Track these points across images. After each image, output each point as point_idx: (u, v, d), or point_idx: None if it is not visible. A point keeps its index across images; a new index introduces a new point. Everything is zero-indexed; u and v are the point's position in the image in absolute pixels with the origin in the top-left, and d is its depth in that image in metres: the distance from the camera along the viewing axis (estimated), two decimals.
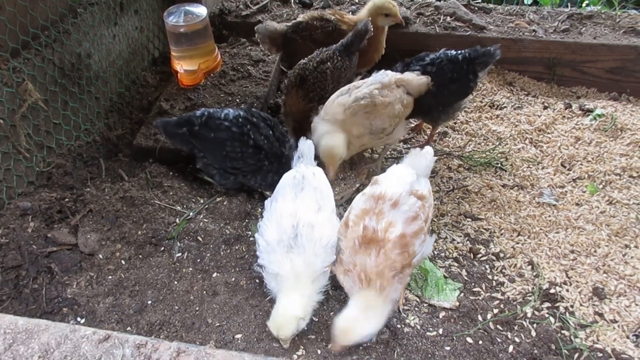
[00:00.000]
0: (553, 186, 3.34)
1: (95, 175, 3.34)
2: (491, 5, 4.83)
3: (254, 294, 2.57)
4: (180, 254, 2.78)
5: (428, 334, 2.43)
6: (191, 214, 3.02)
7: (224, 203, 3.10)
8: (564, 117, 3.94)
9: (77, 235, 2.79)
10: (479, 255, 2.88)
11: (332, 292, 2.52)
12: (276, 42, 3.94)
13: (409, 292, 2.62)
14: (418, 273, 2.69)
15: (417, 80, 3.09)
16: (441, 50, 3.38)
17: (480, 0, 4.94)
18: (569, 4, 5.06)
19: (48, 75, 3.16)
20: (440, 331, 2.44)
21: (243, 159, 2.95)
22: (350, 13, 4.20)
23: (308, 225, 2.34)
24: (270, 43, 3.94)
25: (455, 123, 3.95)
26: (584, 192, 3.29)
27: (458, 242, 2.95)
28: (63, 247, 2.73)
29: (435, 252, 2.87)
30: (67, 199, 2.98)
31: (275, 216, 2.43)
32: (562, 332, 2.47)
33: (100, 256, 2.73)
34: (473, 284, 2.71)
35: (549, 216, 3.12)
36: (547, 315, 2.54)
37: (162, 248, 2.81)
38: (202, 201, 3.16)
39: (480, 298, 2.63)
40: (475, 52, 3.27)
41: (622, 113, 3.92)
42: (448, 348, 2.37)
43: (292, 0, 4.99)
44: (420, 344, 2.38)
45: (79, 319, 2.47)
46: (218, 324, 2.44)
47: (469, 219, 3.11)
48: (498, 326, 2.49)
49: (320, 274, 2.33)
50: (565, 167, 3.50)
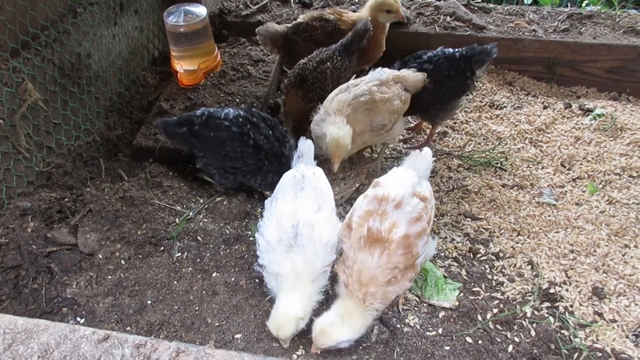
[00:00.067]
0: (553, 186, 3.34)
1: (95, 175, 3.34)
2: (491, 5, 4.83)
3: (254, 293, 2.57)
4: (179, 254, 2.78)
5: (428, 333, 2.43)
6: (191, 213, 3.02)
7: (224, 203, 3.10)
8: (564, 117, 3.94)
9: (76, 235, 2.79)
10: (479, 255, 2.88)
11: (332, 292, 2.52)
12: (277, 44, 3.95)
13: (408, 292, 2.62)
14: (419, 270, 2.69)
15: (414, 76, 3.14)
16: (439, 48, 3.40)
17: (480, 0, 4.94)
18: (568, 4, 5.06)
19: (48, 75, 3.16)
20: (440, 331, 2.45)
21: (243, 158, 2.96)
22: (351, 11, 4.19)
23: (308, 225, 2.35)
24: (271, 44, 3.95)
25: (455, 123, 3.95)
26: (584, 191, 3.29)
27: (458, 242, 2.95)
28: (63, 247, 2.73)
29: (435, 252, 2.87)
30: (66, 199, 2.99)
31: (276, 216, 2.43)
32: (562, 331, 2.47)
33: (100, 256, 2.73)
34: (473, 284, 2.71)
35: (549, 216, 3.12)
36: (546, 315, 2.54)
37: (162, 248, 2.82)
38: (201, 201, 3.17)
39: (479, 298, 2.63)
40: (472, 50, 3.31)
41: (622, 113, 3.92)
42: (447, 348, 2.37)
43: (292, 0, 4.99)
44: (419, 343, 2.38)
45: (78, 318, 2.48)
46: (217, 323, 2.44)
47: (469, 219, 3.11)
48: (497, 326, 2.49)
49: (321, 274, 2.34)
50: (565, 166, 3.50)
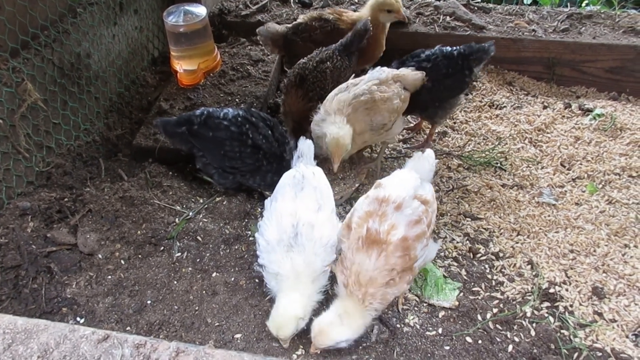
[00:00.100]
0: (552, 186, 3.34)
1: (94, 175, 3.33)
2: (491, 5, 4.83)
3: (254, 293, 2.57)
4: (179, 254, 2.78)
5: (427, 333, 2.43)
6: (190, 213, 3.02)
7: (224, 203, 3.10)
8: (564, 116, 3.94)
9: (76, 235, 2.79)
10: (479, 255, 2.88)
11: (332, 292, 2.52)
12: (278, 44, 3.96)
13: (408, 291, 2.62)
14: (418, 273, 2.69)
15: (413, 75, 3.15)
16: (436, 47, 3.41)
17: (479, 0, 4.94)
18: (568, 4, 5.06)
19: (47, 75, 3.16)
20: (440, 331, 2.45)
21: (241, 158, 2.96)
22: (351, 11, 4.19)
23: (308, 225, 2.35)
24: (272, 44, 3.95)
25: (454, 123, 3.95)
26: (584, 191, 3.29)
27: (457, 242, 2.95)
28: (62, 247, 2.72)
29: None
30: (66, 199, 2.98)
31: (276, 215, 2.43)
32: (562, 331, 2.47)
33: (100, 256, 2.73)
34: (472, 284, 2.71)
35: (549, 216, 3.12)
36: (546, 315, 2.54)
37: (162, 248, 2.81)
38: (201, 201, 3.16)
39: (479, 297, 2.63)
40: (470, 48, 3.33)
41: (622, 113, 3.91)
42: (447, 347, 2.37)
43: (292, 0, 4.99)
44: (419, 343, 2.38)
45: (78, 318, 2.47)
46: (217, 323, 2.44)
47: (469, 219, 3.11)
48: (497, 326, 2.49)
49: (320, 274, 2.34)
50: (564, 166, 3.50)
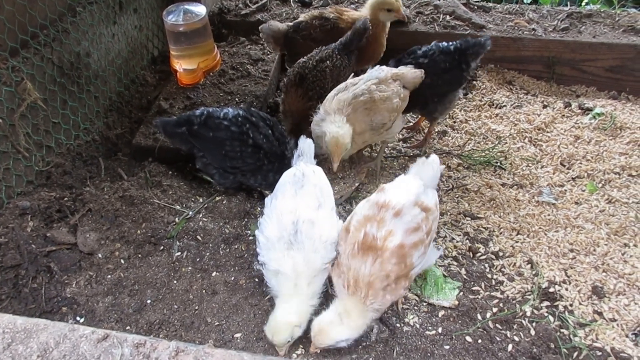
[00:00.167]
0: (552, 185, 3.34)
1: (94, 174, 3.33)
2: (490, 4, 4.82)
3: (253, 293, 2.57)
4: (179, 253, 2.78)
5: (427, 332, 2.43)
6: (190, 213, 3.02)
7: (223, 202, 3.10)
8: (564, 115, 3.94)
9: (76, 234, 2.79)
10: (478, 254, 2.87)
11: (332, 291, 2.52)
12: (279, 42, 3.96)
13: (408, 291, 2.62)
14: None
15: (412, 73, 3.15)
16: (433, 43, 3.43)
17: None
18: (568, 3, 5.05)
19: (47, 74, 3.15)
20: (440, 330, 2.44)
21: (242, 158, 2.95)
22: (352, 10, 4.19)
23: (308, 222, 2.35)
24: (274, 42, 3.96)
25: (454, 122, 3.95)
26: (584, 190, 3.29)
27: (457, 241, 2.95)
28: (62, 247, 2.72)
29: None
30: (66, 198, 2.98)
31: (276, 213, 2.43)
32: (562, 330, 2.47)
33: (100, 255, 2.73)
34: (472, 283, 2.71)
35: (548, 215, 3.11)
36: (546, 314, 2.54)
37: (162, 247, 2.82)
38: (201, 200, 3.16)
39: (479, 297, 2.63)
40: (467, 43, 3.36)
41: (622, 112, 3.91)
42: (447, 347, 2.37)
43: None
44: (419, 342, 2.38)
45: (78, 318, 2.48)
46: (217, 323, 2.44)
47: (468, 218, 3.11)
48: (497, 325, 2.49)
49: (320, 274, 2.33)
50: (564, 165, 3.50)
